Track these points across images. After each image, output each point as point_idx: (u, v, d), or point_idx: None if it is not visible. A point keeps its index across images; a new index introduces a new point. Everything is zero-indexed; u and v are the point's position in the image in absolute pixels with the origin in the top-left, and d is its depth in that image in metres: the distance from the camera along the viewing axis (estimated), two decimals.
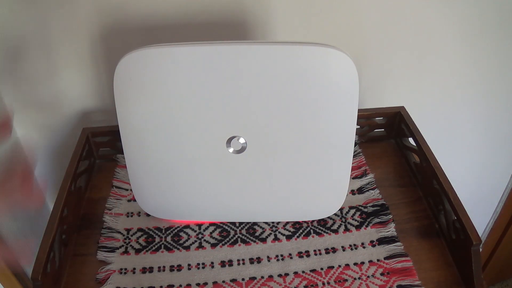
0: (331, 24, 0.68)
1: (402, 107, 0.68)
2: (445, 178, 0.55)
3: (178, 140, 0.49)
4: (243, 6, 0.64)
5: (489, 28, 0.72)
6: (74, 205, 0.58)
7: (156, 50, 0.44)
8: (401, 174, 0.64)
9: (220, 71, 0.45)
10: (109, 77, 0.69)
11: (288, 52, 0.44)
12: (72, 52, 0.65)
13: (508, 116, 0.87)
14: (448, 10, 0.69)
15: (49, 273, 0.48)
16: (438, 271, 0.51)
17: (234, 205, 0.54)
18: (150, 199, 0.55)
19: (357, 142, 0.69)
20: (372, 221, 0.57)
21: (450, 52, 0.74)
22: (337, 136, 0.49)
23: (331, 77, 0.45)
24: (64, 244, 0.54)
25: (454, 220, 0.52)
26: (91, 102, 0.72)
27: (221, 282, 0.51)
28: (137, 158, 0.52)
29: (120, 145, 0.52)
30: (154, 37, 0.65)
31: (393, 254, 0.53)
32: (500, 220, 1.08)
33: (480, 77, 0.79)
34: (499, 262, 1.19)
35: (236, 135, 0.48)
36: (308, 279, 0.51)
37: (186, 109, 0.47)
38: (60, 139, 0.75)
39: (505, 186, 1.02)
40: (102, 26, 0.63)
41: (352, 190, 0.61)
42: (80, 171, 0.61)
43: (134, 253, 0.54)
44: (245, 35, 0.67)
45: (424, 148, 0.60)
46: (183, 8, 0.63)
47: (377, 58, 0.73)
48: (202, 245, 0.55)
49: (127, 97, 0.47)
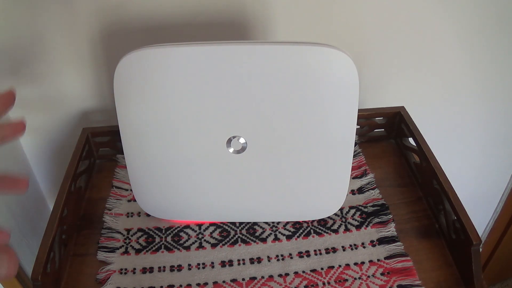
0: (331, 24, 0.68)
1: (402, 107, 0.68)
2: (445, 178, 0.55)
3: (178, 140, 0.49)
4: (243, 6, 0.64)
5: (489, 28, 0.72)
6: (74, 205, 0.58)
7: (156, 50, 0.44)
8: (401, 174, 0.64)
9: (220, 71, 0.45)
10: (109, 77, 0.69)
11: (288, 52, 0.44)
12: (72, 52, 0.65)
13: (508, 116, 0.87)
14: (448, 10, 0.69)
15: (49, 273, 0.48)
16: (438, 271, 0.51)
17: (234, 205, 0.54)
18: (150, 199, 0.55)
19: (357, 142, 0.69)
20: (372, 221, 0.57)
21: (450, 52, 0.74)
22: (337, 136, 0.49)
23: (331, 77, 0.45)
24: (64, 244, 0.54)
25: (454, 220, 0.52)
26: (91, 102, 0.72)
27: (222, 282, 0.51)
28: (137, 158, 0.52)
29: (120, 145, 0.52)
30: (154, 37, 0.65)
31: (393, 254, 0.53)
32: (500, 220, 1.08)
33: (480, 77, 0.79)
34: (499, 262, 1.19)
35: (236, 135, 0.48)
36: (309, 279, 0.51)
37: (186, 109, 0.47)
38: (60, 139, 0.75)
39: (505, 186, 1.02)
40: (102, 26, 0.63)
41: (352, 190, 0.61)
42: (80, 171, 0.61)
43: (134, 253, 0.54)
44: (245, 35, 0.67)
45: (424, 148, 0.60)
46: (183, 8, 0.63)
47: (377, 58, 0.73)
48: (202, 245, 0.55)
49: (127, 97, 0.47)
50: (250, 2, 0.64)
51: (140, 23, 0.63)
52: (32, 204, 0.77)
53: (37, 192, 0.80)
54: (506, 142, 0.92)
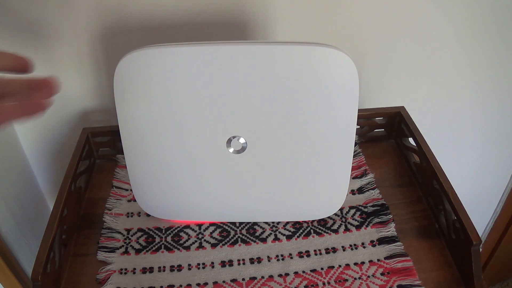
0: (331, 24, 0.68)
1: (402, 107, 0.68)
2: (445, 178, 0.55)
3: (178, 140, 0.49)
4: (243, 6, 0.64)
5: (489, 28, 0.72)
6: (74, 205, 0.58)
7: (156, 50, 0.44)
8: (401, 174, 0.64)
9: (220, 71, 0.45)
10: (109, 77, 0.69)
11: (288, 52, 0.44)
12: (72, 52, 0.65)
13: (508, 116, 0.87)
14: (448, 11, 0.69)
15: (49, 273, 0.48)
16: (438, 271, 0.51)
17: (234, 205, 0.54)
18: (150, 199, 0.55)
19: (357, 142, 0.69)
20: (372, 221, 0.57)
21: (450, 53, 0.74)
22: (337, 136, 0.49)
23: (331, 77, 0.45)
24: (64, 244, 0.54)
25: (454, 220, 0.52)
26: (91, 102, 0.72)
27: (222, 282, 0.51)
28: (137, 158, 0.52)
29: (120, 145, 0.52)
30: (154, 37, 0.65)
31: (393, 254, 0.53)
32: (500, 220, 1.08)
33: (480, 77, 0.79)
34: (499, 262, 1.19)
35: (236, 135, 0.48)
36: (309, 279, 0.51)
37: (186, 109, 0.47)
38: (60, 139, 0.75)
39: (505, 186, 1.02)
40: (102, 26, 0.63)
41: (352, 190, 0.61)
42: (80, 171, 0.61)
43: (134, 253, 0.54)
44: (245, 35, 0.67)
45: (424, 148, 0.60)
46: (183, 8, 0.63)
47: (377, 58, 0.73)
48: (202, 245, 0.55)
49: (127, 97, 0.47)
50: (250, 2, 0.64)
51: (140, 23, 0.63)
52: (32, 204, 0.77)
53: (37, 192, 0.80)
54: (506, 142, 0.92)
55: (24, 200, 0.73)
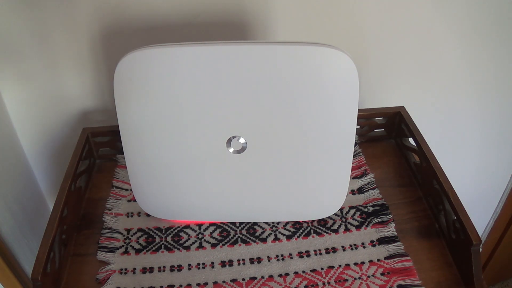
0: (331, 24, 0.68)
1: (402, 107, 0.68)
2: (445, 178, 0.55)
3: (178, 140, 0.49)
4: (243, 6, 0.64)
5: (489, 28, 0.72)
6: (74, 205, 0.58)
7: (156, 50, 0.44)
8: (401, 174, 0.64)
9: (220, 71, 0.45)
10: (109, 77, 0.69)
11: (288, 52, 0.44)
12: (72, 52, 0.65)
13: (508, 116, 0.87)
14: (448, 11, 0.69)
15: (49, 273, 0.48)
16: (438, 271, 0.51)
17: (234, 205, 0.54)
18: (150, 199, 0.55)
19: (357, 142, 0.69)
20: (372, 221, 0.57)
21: (450, 53, 0.74)
22: (337, 136, 0.49)
23: (331, 77, 0.45)
24: (64, 244, 0.54)
25: (454, 220, 0.52)
26: (91, 102, 0.72)
27: (222, 282, 0.51)
28: (137, 158, 0.52)
29: (120, 145, 0.52)
30: (154, 37, 0.65)
31: (393, 254, 0.53)
32: (500, 220, 1.08)
33: (480, 77, 0.79)
34: (499, 262, 1.19)
35: (236, 135, 0.48)
36: (309, 279, 0.51)
37: (186, 109, 0.47)
38: (60, 139, 0.75)
39: (505, 186, 1.02)
40: (102, 26, 0.63)
41: (352, 190, 0.61)
42: (80, 171, 0.61)
43: (134, 253, 0.54)
44: (245, 35, 0.67)
45: (424, 148, 0.60)
46: (183, 8, 0.63)
47: (377, 58, 0.73)
48: (202, 245, 0.55)
49: (127, 97, 0.47)
50: (250, 2, 0.64)
51: (140, 23, 0.63)
52: (32, 204, 0.77)
53: (37, 192, 0.80)
54: (506, 142, 0.92)
55: (24, 200, 0.73)
